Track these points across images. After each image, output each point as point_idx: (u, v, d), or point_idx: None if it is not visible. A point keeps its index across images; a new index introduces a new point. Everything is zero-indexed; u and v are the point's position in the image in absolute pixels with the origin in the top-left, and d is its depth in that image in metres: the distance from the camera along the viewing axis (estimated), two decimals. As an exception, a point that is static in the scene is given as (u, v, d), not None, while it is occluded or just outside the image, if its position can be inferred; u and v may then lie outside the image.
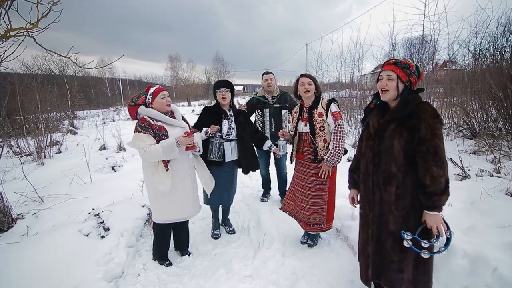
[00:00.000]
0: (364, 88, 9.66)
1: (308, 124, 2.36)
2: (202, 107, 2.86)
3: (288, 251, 2.55)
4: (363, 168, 1.74)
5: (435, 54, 6.38)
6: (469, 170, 3.59)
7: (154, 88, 2.18)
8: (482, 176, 3.39)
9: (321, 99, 2.38)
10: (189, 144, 2.16)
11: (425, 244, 1.46)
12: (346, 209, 2.98)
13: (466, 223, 2.36)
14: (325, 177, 2.35)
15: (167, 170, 2.12)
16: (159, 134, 2.09)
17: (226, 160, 2.64)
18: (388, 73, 1.59)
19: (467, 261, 1.86)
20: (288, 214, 2.65)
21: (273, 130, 3.42)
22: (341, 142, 2.25)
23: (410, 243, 1.48)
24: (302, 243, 2.65)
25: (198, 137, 2.37)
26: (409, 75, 1.57)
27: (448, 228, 1.50)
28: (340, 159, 2.28)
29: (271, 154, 3.61)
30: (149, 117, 2.10)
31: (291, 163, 2.65)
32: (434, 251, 1.50)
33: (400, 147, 1.52)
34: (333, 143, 2.26)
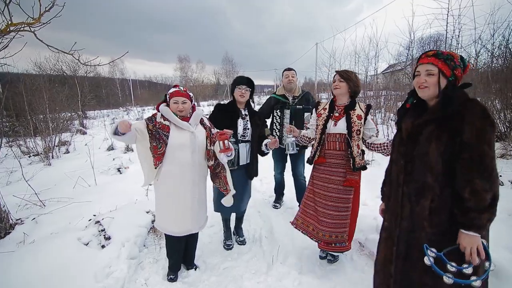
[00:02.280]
0: (380, 88, 9.28)
1: (342, 125, 2.07)
2: (211, 107, 2.62)
3: (305, 267, 2.28)
4: (394, 176, 1.47)
5: (457, 51, 6.00)
6: (501, 176, 3.25)
7: (172, 90, 2.01)
8: (518, 183, 3.07)
9: (357, 101, 2.13)
10: (223, 147, 1.96)
11: (451, 267, 1.16)
12: (369, 220, 2.69)
13: (510, 238, 2.07)
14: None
15: (155, 168, 1.98)
16: (159, 132, 1.93)
17: (240, 163, 2.40)
18: (428, 67, 1.31)
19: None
20: (302, 231, 2.31)
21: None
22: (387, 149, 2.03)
23: (432, 260, 1.19)
24: (321, 257, 2.37)
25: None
26: (454, 68, 1.29)
27: (488, 259, 1.20)
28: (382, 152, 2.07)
29: (288, 157, 3.37)
30: (161, 114, 1.97)
31: (311, 164, 2.30)
32: (464, 278, 1.17)
33: (438, 153, 1.24)
34: (385, 139, 2.08)
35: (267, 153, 2.57)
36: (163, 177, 2.02)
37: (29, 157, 6.25)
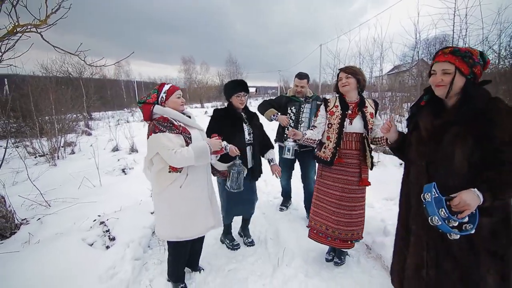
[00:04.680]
0: (386, 89, 9.20)
1: (359, 123, 2.02)
2: (214, 108, 2.54)
3: (311, 269, 2.24)
4: (414, 178, 1.42)
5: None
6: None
7: (169, 86, 1.89)
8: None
9: (366, 98, 2.09)
10: (219, 148, 1.89)
11: (454, 221, 1.14)
12: (376, 222, 2.65)
13: None
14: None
15: (177, 172, 1.81)
16: (184, 137, 1.81)
17: (248, 167, 2.38)
18: (444, 66, 1.25)
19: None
20: (315, 238, 2.26)
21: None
22: None
23: (444, 221, 1.14)
24: (328, 260, 2.32)
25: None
26: (472, 66, 1.23)
27: (475, 219, 1.17)
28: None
29: (295, 164, 3.28)
30: (171, 117, 1.81)
31: (331, 165, 2.12)
32: (456, 227, 1.16)
33: (464, 156, 1.20)
34: None
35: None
36: (190, 181, 1.86)
37: (35, 157, 6.30)
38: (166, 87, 1.88)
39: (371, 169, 2.07)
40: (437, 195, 1.16)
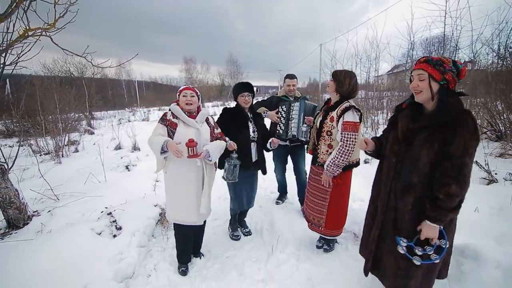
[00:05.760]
0: (381, 89, 9.36)
1: (318, 123, 2.25)
2: (215, 108, 2.75)
3: (303, 255, 2.45)
4: (385, 170, 1.64)
5: (456, 52, 6.08)
6: (496, 174, 3.37)
7: (182, 87, 2.23)
8: (511, 180, 3.17)
9: (343, 103, 2.12)
10: (191, 153, 1.99)
11: (419, 251, 1.43)
12: (364, 214, 2.83)
13: (497, 230, 2.19)
14: (327, 186, 2.23)
15: (164, 158, 2.14)
16: (168, 129, 2.13)
17: (252, 161, 2.60)
18: (419, 72, 1.44)
19: (501, 272, 1.70)
20: (311, 228, 2.53)
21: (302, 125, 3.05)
22: (343, 155, 2.04)
23: (405, 249, 1.47)
24: (318, 247, 2.54)
25: (215, 145, 2.20)
26: (443, 73, 1.40)
27: (444, 238, 1.42)
28: (339, 170, 2.12)
29: (288, 158, 3.51)
30: (171, 112, 2.16)
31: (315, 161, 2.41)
32: (422, 257, 1.46)
33: (428, 159, 1.39)
34: (335, 153, 2.08)
35: (271, 150, 2.76)
36: (170, 169, 2.18)
37: (40, 155, 6.50)
38: (180, 88, 2.22)
39: (315, 164, 2.32)
40: (406, 244, 1.48)
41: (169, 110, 2.18)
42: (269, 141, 2.66)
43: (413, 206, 1.47)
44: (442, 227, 1.40)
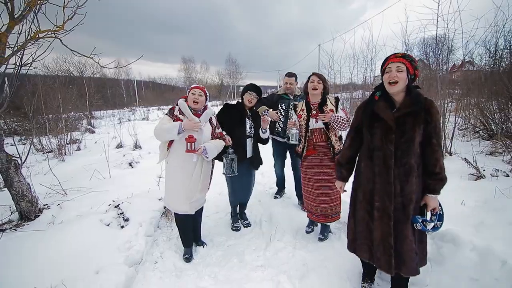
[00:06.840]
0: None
1: (320, 121, 2.45)
2: (214, 107, 2.95)
3: (299, 243, 2.63)
4: (380, 161, 1.69)
5: (450, 54, 6.27)
6: (484, 170, 3.55)
7: (193, 85, 2.41)
8: (497, 176, 3.35)
9: (328, 98, 2.53)
10: (189, 148, 2.17)
11: (429, 224, 1.64)
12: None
13: (478, 219, 2.37)
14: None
15: (167, 149, 2.31)
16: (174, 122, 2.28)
17: (247, 156, 2.77)
18: (398, 64, 1.62)
19: (476, 254, 1.88)
20: (310, 217, 2.74)
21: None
22: (346, 123, 2.39)
23: (422, 225, 1.62)
24: (307, 232, 2.78)
25: (213, 144, 2.35)
26: (415, 68, 1.65)
27: (440, 205, 1.68)
28: (341, 127, 2.40)
29: (287, 154, 3.68)
30: (178, 108, 2.32)
31: (300, 159, 2.65)
32: (432, 227, 1.67)
33: (419, 139, 1.60)
34: (341, 116, 2.40)
35: (266, 139, 2.84)
36: (171, 159, 2.35)
37: (43, 153, 6.64)
38: (191, 86, 2.41)
39: (334, 155, 2.46)
40: (420, 220, 1.64)
41: (177, 105, 2.34)
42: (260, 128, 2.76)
43: (416, 185, 1.63)
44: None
